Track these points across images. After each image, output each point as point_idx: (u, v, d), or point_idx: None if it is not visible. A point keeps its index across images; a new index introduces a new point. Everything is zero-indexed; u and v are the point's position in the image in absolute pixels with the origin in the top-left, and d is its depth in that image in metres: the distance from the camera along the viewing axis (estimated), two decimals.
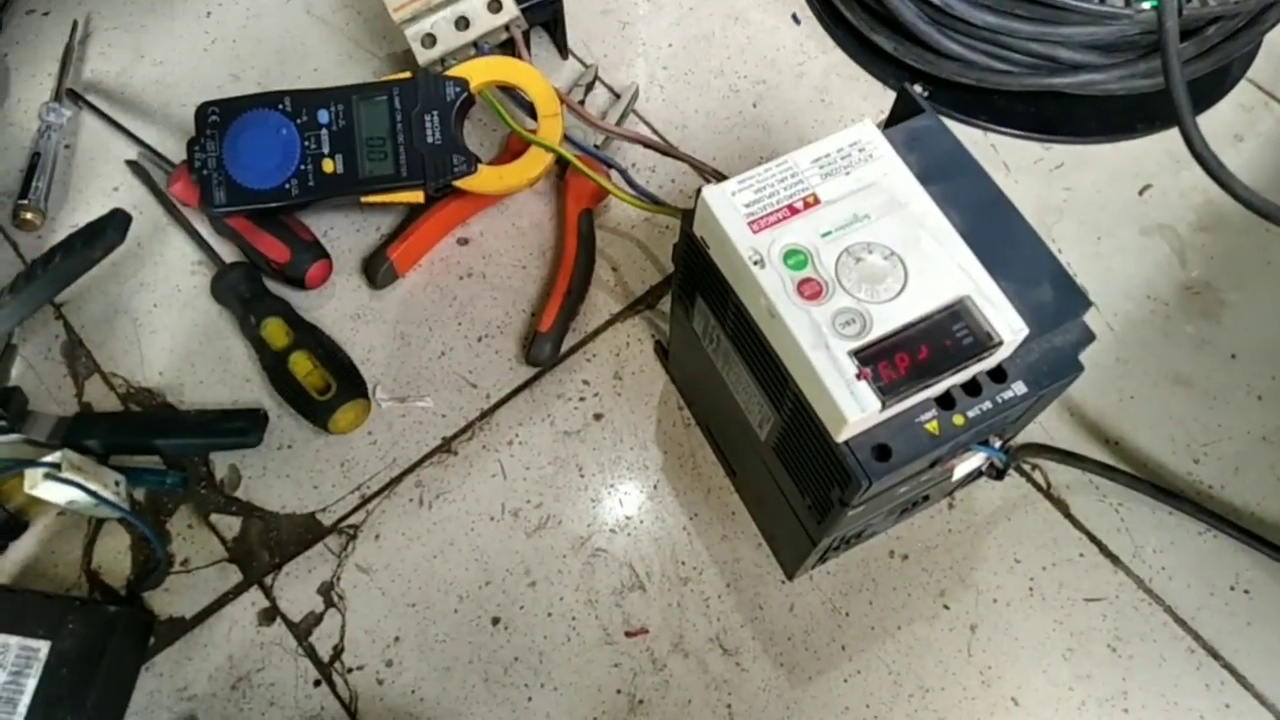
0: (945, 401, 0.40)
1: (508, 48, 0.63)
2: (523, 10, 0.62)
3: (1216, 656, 0.52)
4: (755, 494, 0.53)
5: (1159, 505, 0.55)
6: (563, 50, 0.69)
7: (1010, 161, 0.66)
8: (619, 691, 0.51)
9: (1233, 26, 0.62)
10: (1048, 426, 0.57)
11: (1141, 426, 0.58)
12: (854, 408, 0.37)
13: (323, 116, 0.57)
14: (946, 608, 0.53)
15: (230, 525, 0.54)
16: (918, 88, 0.67)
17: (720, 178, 0.54)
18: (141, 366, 0.58)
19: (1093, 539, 0.55)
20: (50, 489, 0.49)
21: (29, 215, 0.62)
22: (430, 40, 0.60)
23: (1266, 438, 0.57)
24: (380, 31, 0.70)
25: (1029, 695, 0.51)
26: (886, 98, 0.69)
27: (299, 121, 0.57)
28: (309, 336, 0.56)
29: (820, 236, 0.40)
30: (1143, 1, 0.57)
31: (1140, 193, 0.65)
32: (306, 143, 0.57)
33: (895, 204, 0.41)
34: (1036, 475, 0.56)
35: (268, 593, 0.53)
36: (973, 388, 0.40)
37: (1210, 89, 0.69)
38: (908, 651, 0.52)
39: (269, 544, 0.54)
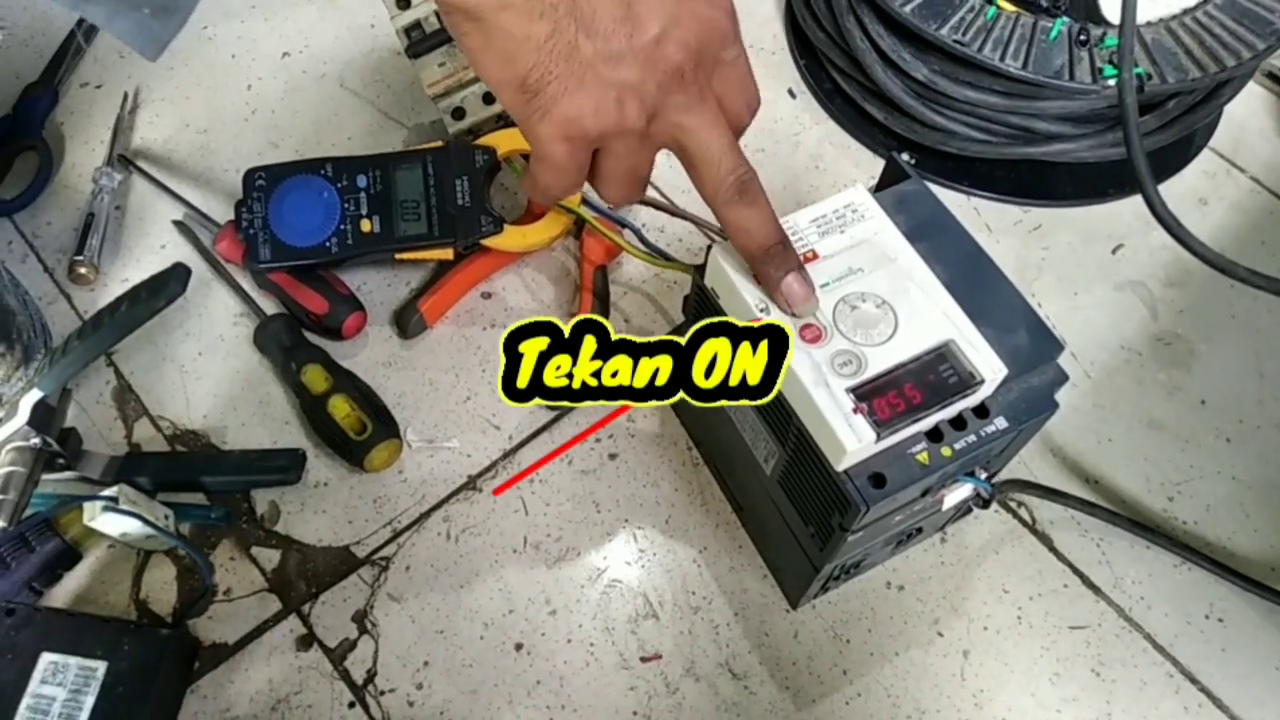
0: (934, 435, 0.44)
1: None
2: None
3: (1194, 681, 0.55)
4: (761, 527, 0.57)
5: (1137, 539, 0.59)
6: None
7: (992, 223, 0.72)
8: (635, 713, 0.54)
9: (1191, 100, 0.68)
10: (1032, 466, 0.62)
11: (1119, 467, 0.62)
12: (852, 438, 0.42)
13: (361, 181, 0.63)
14: (940, 635, 0.56)
15: (270, 557, 0.58)
16: (905, 156, 0.73)
17: (724, 236, 0.59)
18: (187, 410, 0.63)
19: (1075, 571, 0.58)
20: (108, 521, 0.53)
21: (84, 270, 0.66)
22: (460, 113, 0.65)
23: (1235, 477, 0.62)
24: (409, 104, 0.76)
25: (1019, 717, 0.54)
26: (876, 164, 0.74)
27: (340, 185, 0.63)
28: (347, 382, 0.61)
29: (819, 287, 0.45)
30: (1109, 79, 0.62)
31: (1113, 252, 0.71)
32: (346, 205, 0.62)
33: (886, 259, 0.46)
34: (1022, 512, 0.60)
35: (305, 620, 0.56)
36: (958, 423, 0.45)
37: (1175, 157, 0.75)
38: (905, 676, 0.55)
39: (306, 575, 0.57)
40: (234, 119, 0.75)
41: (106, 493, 0.54)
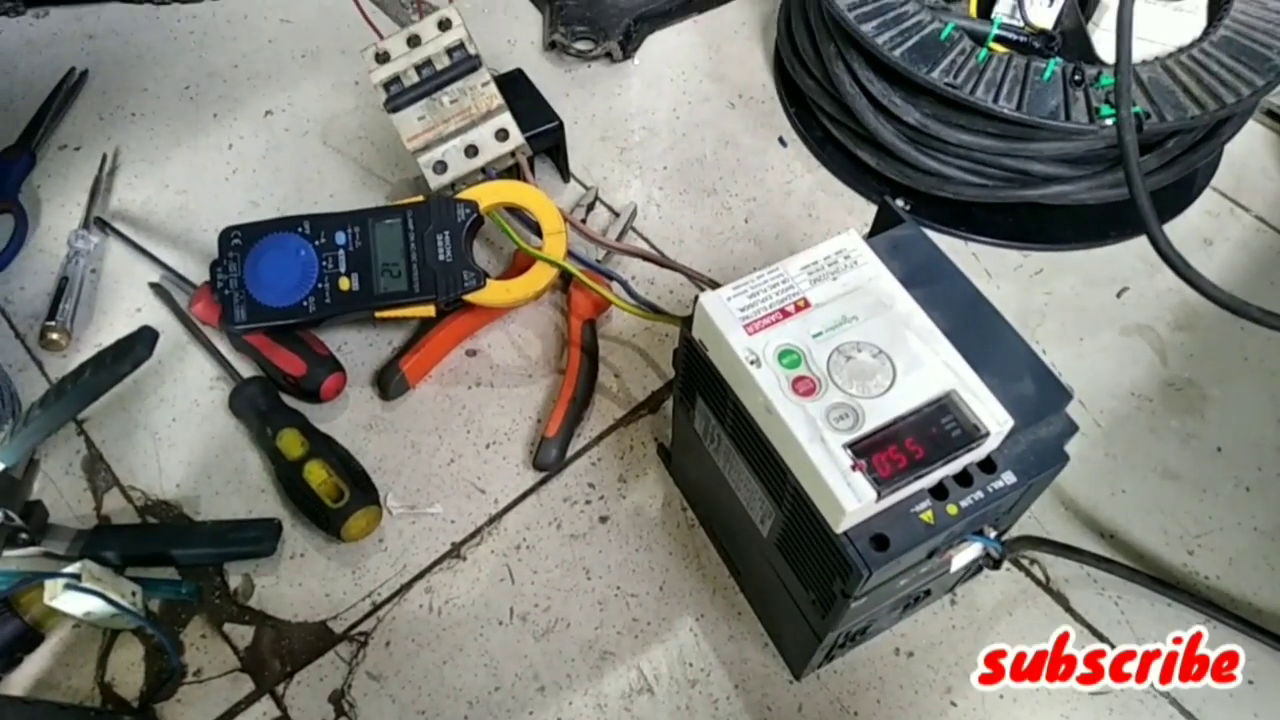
0: (938, 492, 0.42)
1: (514, 173, 0.67)
2: (527, 138, 0.66)
3: None
4: (760, 592, 0.54)
5: (1157, 597, 0.55)
6: (565, 174, 0.73)
7: (991, 269, 0.70)
8: None
9: (1191, 139, 0.67)
10: (1043, 521, 0.59)
11: (1134, 520, 0.59)
12: (851, 498, 0.39)
13: (340, 238, 0.61)
14: (954, 704, 0.53)
15: (243, 635, 0.55)
16: (899, 201, 0.71)
17: (716, 287, 0.57)
18: (159, 479, 0.60)
19: (1094, 631, 0.55)
20: (70, 599, 0.50)
21: (55, 336, 0.64)
22: (441, 167, 0.64)
23: (1258, 528, 0.59)
24: (392, 160, 0.75)
25: None
26: (870, 211, 0.73)
27: (318, 243, 0.61)
28: (323, 446, 0.58)
29: (812, 337, 0.43)
30: (1106, 118, 0.61)
31: (1118, 295, 0.68)
32: (324, 262, 0.60)
33: (881, 306, 0.44)
34: (1035, 570, 0.57)
35: (279, 702, 0.53)
36: (964, 478, 0.42)
37: (1177, 198, 0.73)
38: None
39: (281, 653, 0.54)
40: (214, 179, 0.74)
41: (69, 569, 0.51)
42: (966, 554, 0.46)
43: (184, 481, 0.60)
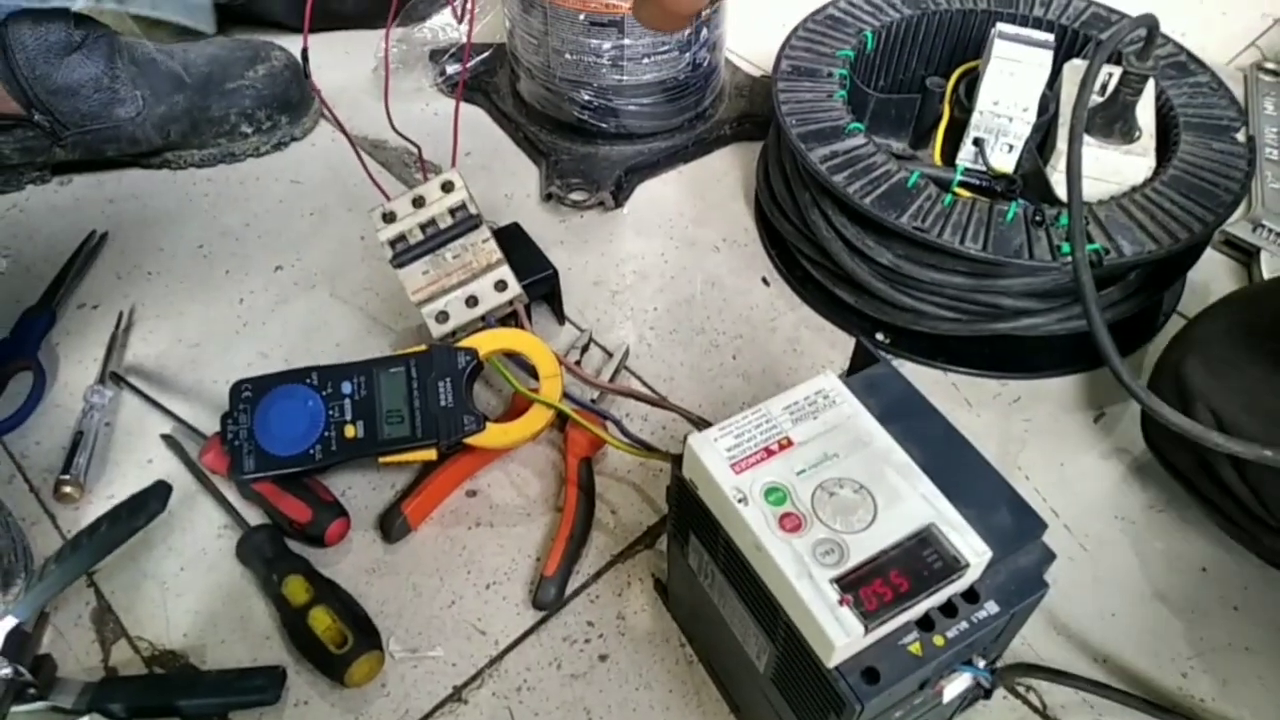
0: (925, 624, 0.43)
1: (512, 319, 0.70)
2: (524, 287, 0.70)
3: None
4: None
5: None
6: (560, 318, 0.77)
7: (971, 398, 0.72)
8: None
9: (1150, 271, 0.70)
10: (1037, 646, 0.59)
11: (1126, 643, 0.60)
12: (839, 633, 0.40)
13: (346, 387, 0.64)
14: None
15: None
16: (879, 336, 0.75)
17: (705, 424, 0.60)
18: (167, 629, 0.61)
19: None
20: None
21: (69, 489, 0.66)
22: (443, 317, 0.67)
23: (1249, 648, 0.60)
24: (396, 309, 0.78)
25: None
26: (851, 344, 0.76)
27: (325, 393, 0.64)
28: (328, 592, 0.59)
29: (796, 474, 0.45)
30: (1067, 255, 0.64)
31: (1095, 420, 0.71)
32: (331, 411, 0.63)
33: (860, 443, 0.46)
34: (1031, 696, 0.58)
35: None
36: (949, 609, 0.43)
37: (1144, 325, 0.76)
38: None
39: None
40: (225, 332, 0.78)
41: None
42: (958, 684, 0.47)
43: (190, 631, 0.61)
